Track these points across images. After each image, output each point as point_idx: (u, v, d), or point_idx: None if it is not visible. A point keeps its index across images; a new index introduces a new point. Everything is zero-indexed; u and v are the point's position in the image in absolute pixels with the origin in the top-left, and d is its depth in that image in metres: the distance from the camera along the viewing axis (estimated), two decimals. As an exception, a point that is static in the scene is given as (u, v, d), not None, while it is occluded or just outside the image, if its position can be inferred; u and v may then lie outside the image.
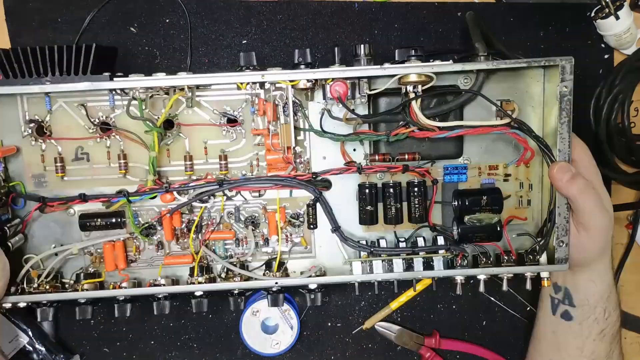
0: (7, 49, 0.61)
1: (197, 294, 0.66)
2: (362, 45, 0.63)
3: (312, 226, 0.69)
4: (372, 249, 0.65)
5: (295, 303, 0.80)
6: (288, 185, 0.64)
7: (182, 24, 0.75)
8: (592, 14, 0.77)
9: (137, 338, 0.80)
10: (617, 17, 0.75)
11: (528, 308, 0.81)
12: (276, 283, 0.65)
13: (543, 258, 0.67)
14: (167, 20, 0.75)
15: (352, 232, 0.69)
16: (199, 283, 0.66)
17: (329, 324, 0.81)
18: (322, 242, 0.70)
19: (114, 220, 0.67)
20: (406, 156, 0.66)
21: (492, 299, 0.81)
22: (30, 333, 0.75)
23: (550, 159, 0.64)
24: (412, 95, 0.63)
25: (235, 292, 0.68)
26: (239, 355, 0.80)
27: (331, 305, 0.80)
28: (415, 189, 0.66)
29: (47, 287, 0.66)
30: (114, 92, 0.64)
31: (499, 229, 0.66)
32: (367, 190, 0.66)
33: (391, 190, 0.66)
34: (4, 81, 0.61)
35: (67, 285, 0.68)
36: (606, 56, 0.80)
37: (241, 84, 0.62)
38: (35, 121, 0.66)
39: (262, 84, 0.64)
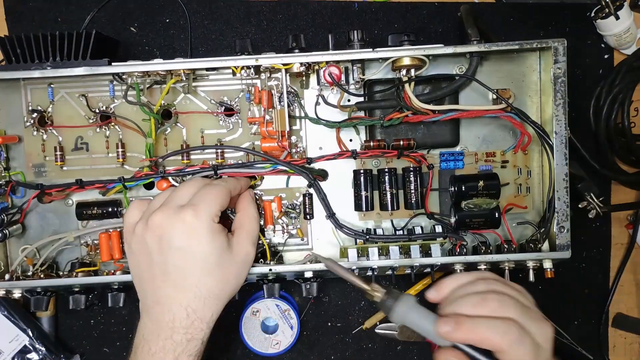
0: (10, 36, 0.63)
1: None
2: (355, 31, 0.64)
3: (308, 216, 0.68)
4: (367, 237, 0.64)
5: (295, 303, 0.78)
6: (282, 169, 0.64)
7: (182, 24, 0.76)
8: (592, 14, 0.78)
9: (137, 338, 0.78)
10: (617, 17, 0.75)
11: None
12: (270, 270, 0.64)
13: (545, 246, 0.65)
14: (167, 20, 0.77)
15: (348, 221, 0.68)
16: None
17: (329, 324, 0.79)
18: (319, 234, 0.69)
19: (110, 209, 0.67)
20: (401, 143, 0.66)
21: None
22: (30, 333, 0.74)
23: (548, 143, 0.63)
24: (405, 79, 0.63)
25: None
26: (238, 355, 0.79)
27: (331, 305, 0.79)
28: (411, 175, 0.66)
29: (42, 275, 0.66)
30: (113, 82, 0.66)
31: (497, 214, 0.65)
32: (362, 176, 0.66)
33: (386, 176, 0.66)
34: (7, 66, 0.63)
35: (61, 274, 0.68)
36: (606, 56, 0.80)
37: (236, 68, 0.63)
38: (38, 111, 0.67)
39: (257, 71, 0.64)
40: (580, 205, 0.72)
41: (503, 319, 0.51)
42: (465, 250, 0.67)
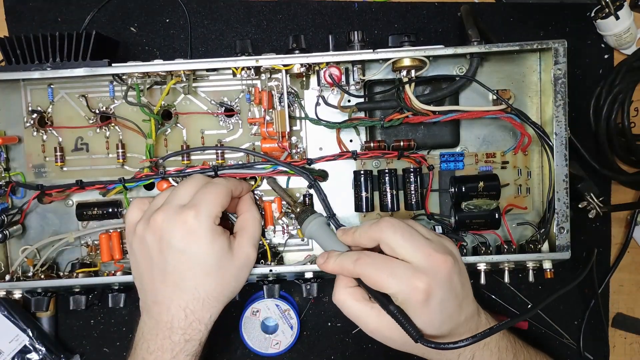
0: (10, 36, 0.63)
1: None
2: (355, 32, 0.64)
3: (308, 217, 0.68)
4: (368, 237, 0.64)
5: (295, 303, 0.78)
6: (282, 170, 0.64)
7: (182, 24, 0.76)
8: (592, 14, 0.77)
9: (137, 338, 0.78)
10: (617, 17, 0.75)
11: (529, 306, 0.79)
12: (270, 271, 0.64)
13: (545, 247, 0.66)
14: (167, 20, 0.77)
15: (349, 222, 0.68)
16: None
17: (329, 324, 0.79)
18: (319, 234, 0.69)
19: (110, 209, 0.67)
20: (402, 143, 0.66)
21: (493, 296, 0.79)
22: (30, 333, 0.74)
23: (548, 144, 0.63)
24: (405, 80, 0.63)
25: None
26: (238, 355, 0.79)
27: (331, 305, 0.78)
28: (411, 176, 0.66)
29: (42, 276, 0.66)
30: (113, 83, 0.66)
31: (497, 215, 0.65)
32: (362, 177, 0.66)
33: (387, 177, 0.66)
34: (7, 67, 0.63)
35: (62, 275, 0.68)
36: (606, 56, 0.80)
37: (236, 69, 0.63)
38: (38, 112, 0.67)
39: (257, 72, 0.64)
40: (580, 205, 0.71)
41: (368, 252, 0.57)
42: (465, 250, 0.67)
